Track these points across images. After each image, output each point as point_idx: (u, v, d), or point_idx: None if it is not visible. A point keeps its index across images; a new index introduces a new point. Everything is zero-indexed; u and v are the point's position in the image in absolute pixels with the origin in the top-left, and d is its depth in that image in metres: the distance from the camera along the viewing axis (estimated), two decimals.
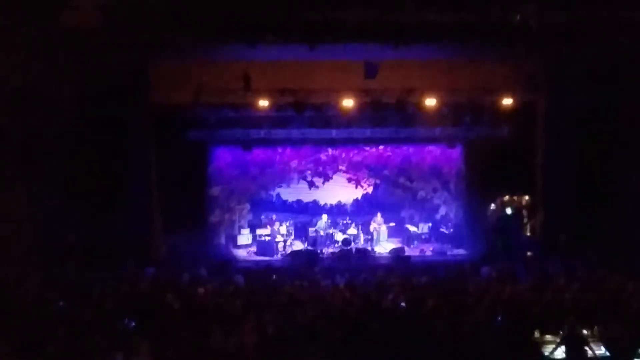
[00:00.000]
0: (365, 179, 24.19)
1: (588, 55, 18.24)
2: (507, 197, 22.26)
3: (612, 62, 18.31)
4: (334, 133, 21.28)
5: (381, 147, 23.60)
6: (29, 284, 14.55)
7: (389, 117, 20.61)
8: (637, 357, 10.53)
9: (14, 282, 14.37)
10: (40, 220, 17.09)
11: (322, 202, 24.23)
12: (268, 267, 18.57)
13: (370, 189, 24.35)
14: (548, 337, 11.36)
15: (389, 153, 23.80)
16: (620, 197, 19.92)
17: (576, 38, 16.34)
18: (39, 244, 16.97)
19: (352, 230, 22.97)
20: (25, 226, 16.64)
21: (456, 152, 23.33)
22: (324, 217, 23.35)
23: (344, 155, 23.75)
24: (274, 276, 16.89)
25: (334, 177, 24.05)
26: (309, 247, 22.11)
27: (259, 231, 22.80)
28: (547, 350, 11.01)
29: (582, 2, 14.96)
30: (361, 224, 23.34)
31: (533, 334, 11.43)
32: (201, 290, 14.36)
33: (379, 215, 23.34)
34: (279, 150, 23.33)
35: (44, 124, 16.79)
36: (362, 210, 24.20)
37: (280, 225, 22.96)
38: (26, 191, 16.62)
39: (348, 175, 24.08)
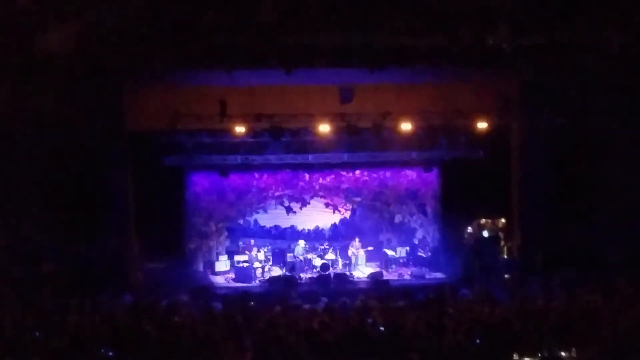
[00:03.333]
0: (342, 204, 24.17)
1: (562, 77, 18.44)
2: (483, 220, 22.35)
3: (586, 83, 18.50)
4: (310, 158, 21.28)
5: (358, 171, 23.61)
6: (3, 312, 14.35)
7: (365, 141, 20.66)
8: None
9: None
10: (16, 247, 16.92)
11: (299, 228, 24.15)
12: (246, 294, 18.44)
13: (347, 214, 24.33)
14: (526, 359, 11.36)
15: (366, 177, 23.79)
16: (595, 217, 20.07)
17: (549, 60, 16.53)
18: (14, 271, 16.78)
19: (330, 255, 22.84)
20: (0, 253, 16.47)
21: (432, 176, 23.38)
22: (302, 242, 23.26)
23: (321, 180, 23.69)
24: (252, 302, 16.78)
25: (312, 202, 23.99)
26: (287, 273, 21.93)
27: (236, 257, 22.60)
28: None
29: (555, 25, 15.14)
30: (339, 249, 23.25)
31: (512, 356, 11.43)
32: (178, 319, 14.21)
33: (357, 239, 23.25)
34: (256, 175, 23.25)
35: (18, 150, 16.69)
36: (340, 235, 24.15)
37: (258, 251, 22.81)
38: (1, 218, 16.47)
39: (325, 200, 24.05)
